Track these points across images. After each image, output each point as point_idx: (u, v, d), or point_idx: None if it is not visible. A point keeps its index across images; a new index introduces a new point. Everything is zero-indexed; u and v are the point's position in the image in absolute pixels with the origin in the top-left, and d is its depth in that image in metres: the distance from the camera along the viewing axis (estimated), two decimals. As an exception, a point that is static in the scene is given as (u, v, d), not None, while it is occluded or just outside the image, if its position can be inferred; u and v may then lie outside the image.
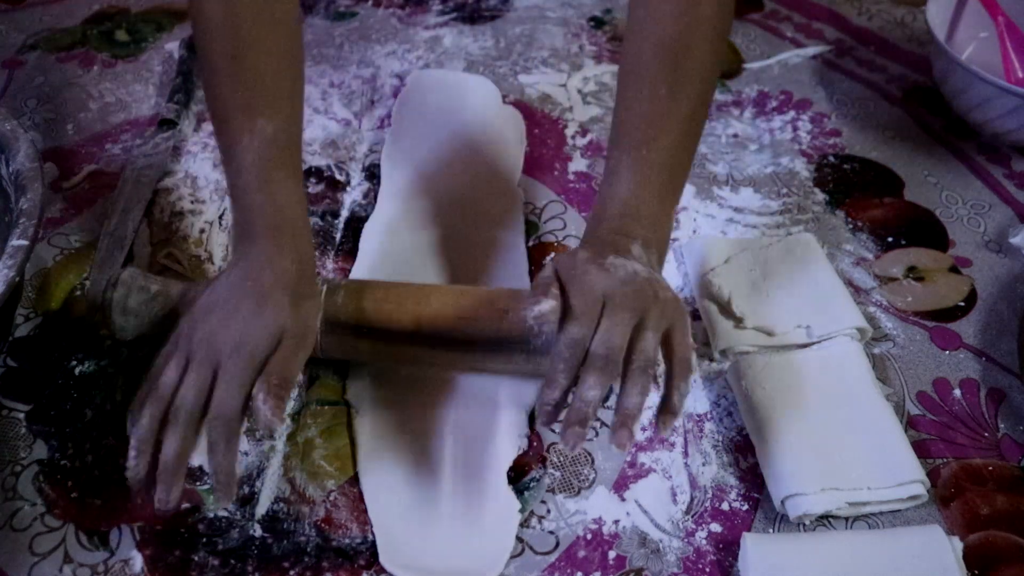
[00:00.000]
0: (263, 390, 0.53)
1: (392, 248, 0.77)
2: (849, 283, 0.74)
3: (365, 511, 0.59)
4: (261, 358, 0.55)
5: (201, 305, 0.58)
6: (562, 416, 0.52)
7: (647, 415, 0.65)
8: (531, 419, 0.65)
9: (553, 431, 0.64)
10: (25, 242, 0.58)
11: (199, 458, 0.61)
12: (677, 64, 0.62)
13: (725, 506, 0.60)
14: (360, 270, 0.75)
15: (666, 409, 0.53)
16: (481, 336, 0.62)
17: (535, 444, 0.63)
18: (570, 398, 0.52)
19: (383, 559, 0.56)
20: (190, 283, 0.66)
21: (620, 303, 0.54)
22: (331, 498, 0.60)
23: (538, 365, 0.62)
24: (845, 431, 0.61)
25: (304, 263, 0.61)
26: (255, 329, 0.55)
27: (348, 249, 0.77)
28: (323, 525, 0.59)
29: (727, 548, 0.58)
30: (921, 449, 0.62)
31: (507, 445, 0.62)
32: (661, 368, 0.54)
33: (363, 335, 0.63)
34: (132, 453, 0.53)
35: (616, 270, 0.55)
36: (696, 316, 0.72)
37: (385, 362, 0.67)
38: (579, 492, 0.61)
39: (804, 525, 0.59)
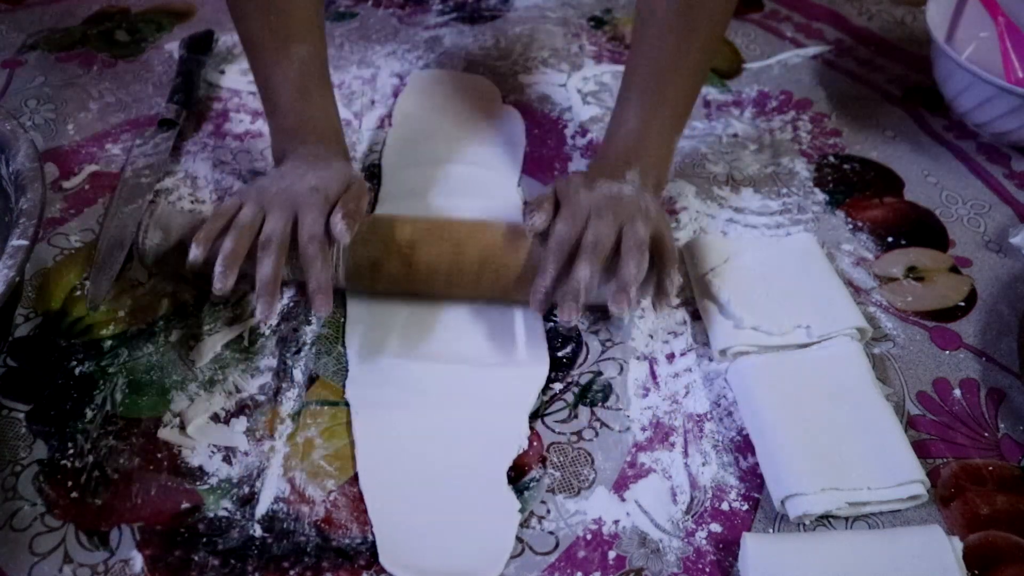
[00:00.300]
0: (340, 212, 0.63)
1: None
2: (849, 283, 0.74)
3: (365, 511, 0.59)
4: (334, 198, 0.65)
5: (267, 177, 0.67)
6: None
7: (642, 406, 0.65)
8: (532, 417, 0.65)
9: (553, 319, 0.69)
10: (25, 242, 0.58)
11: (198, 458, 0.62)
12: (690, 18, 0.68)
13: (725, 506, 0.60)
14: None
15: (660, 292, 0.65)
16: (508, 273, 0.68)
17: (535, 444, 0.63)
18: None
19: (383, 559, 0.56)
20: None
21: (605, 211, 0.64)
22: (331, 498, 0.60)
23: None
24: (845, 431, 0.61)
25: (349, 159, 0.72)
26: (327, 177, 0.66)
27: (348, 249, 0.77)
28: (323, 525, 0.59)
29: (727, 548, 0.58)
30: (921, 449, 0.62)
31: (507, 445, 0.62)
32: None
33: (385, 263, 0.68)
34: (220, 270, 0.60)
35: (603, 189, 0.66)
36: (696, 316, 0.72)
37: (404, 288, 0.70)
38: (579, 492, 0.61)
39: (804, 525, 0.59)
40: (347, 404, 0.65)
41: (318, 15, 0.73)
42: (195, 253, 0.62)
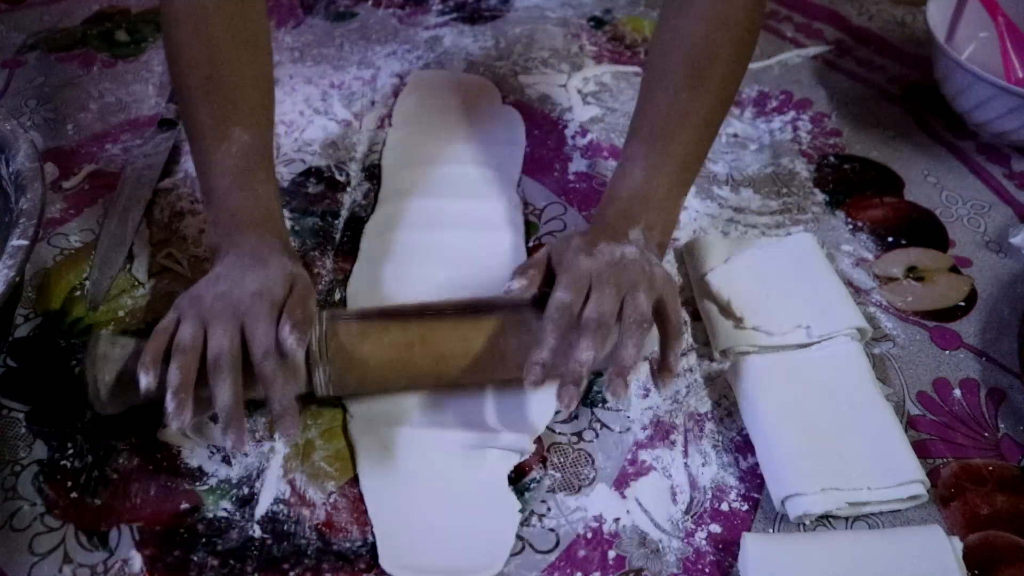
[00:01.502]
0: (288, 324, 0.56)
1: (392, 248, 0.77)
2: (849, 283, 0.74)
3: (365, 513, 0.59)
4: (280, 303, 0.58)
5: (203, 283, 0.60)
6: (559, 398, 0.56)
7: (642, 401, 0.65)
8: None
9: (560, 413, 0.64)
10: (25, 242, 0.58)
11: (198, 459, 0.62)
12: (701, 70, 0.66)
13: (725, 506, 0.60)
14: (360, 270, 0.75)
15: (664, 368, 0.59)
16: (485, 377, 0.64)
17: (535, 445, 0.63)
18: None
19: (383, 561, 0.56)
20: None
21: (607, 280, 0.58)
22: (331, 500, 0.60)
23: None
24: (845, 431, 0.61)
25: (292, 252, 0.64)
26: (268, 279, 0.58)
27: (348, 249, 0.77)
28: (323, 528, 0.58)
29: (727, 548, 0.58)
30: (921, 449, 0.62)
31: (508, 448, 0.62)
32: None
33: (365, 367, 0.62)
34: (173, 404, 0.54)
35: (604, 254, 0.60)
36: (696, 316, 0.72)
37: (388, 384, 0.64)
38: (579, 490, 0.61)
39: (804, 525, 0.59)
40: (343, 406, 0.65)
41: (266, 100, 0.69)
42: (146, 381, 0.54)
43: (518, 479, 0.61)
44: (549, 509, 0.60)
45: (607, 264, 0.59)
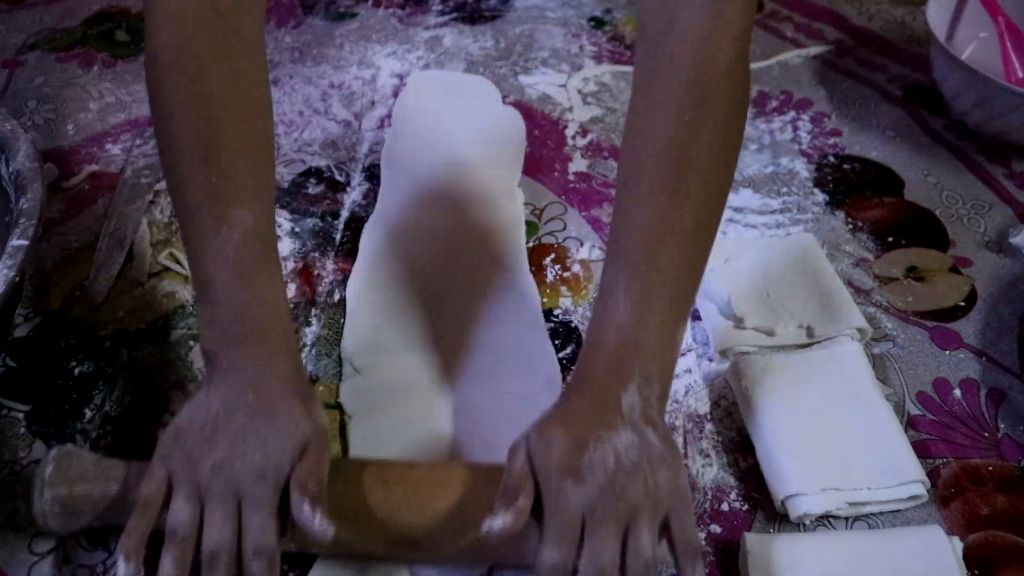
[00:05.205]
0: (305, 501, 0.48)
1: (392, 248, 0.77)
2: (849, 283, 0.74)
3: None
4: (284, 481, 0.49)
5: (196, 426, 0.50)
6: None
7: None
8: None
9: None
10: (25, 242, 0.58)
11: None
12: (680, 168, 0.54)
13: (725, 507, 0.60)
14: (360, 270, 0.75)
15: None
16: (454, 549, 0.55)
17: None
18: None
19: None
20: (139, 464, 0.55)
21: (603, 516, 0.47)
22: (331, 498, 0.60)
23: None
24: (845, 431, 0.61)
25: (299, 363, 0.56)
26: (276, 450, 0.49)
27: (348, 249, 0.77)
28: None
29: (727, 549, 0.58)
30: (921, 449, 0.62)
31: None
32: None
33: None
34: None
35: (596, 473, 0.48)
36: (696, 316, 0.72)
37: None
38: (579, 492, 0.61)
39: (804, 525, 0.59)
40: (340, 408, 0.65)
41: (268, 171, 0.59)
42: (127, 570, 0.47)
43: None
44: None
45: (600, 490, 0.47)
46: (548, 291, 0.74)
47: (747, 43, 0.57)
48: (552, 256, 0.77)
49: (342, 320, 0.71)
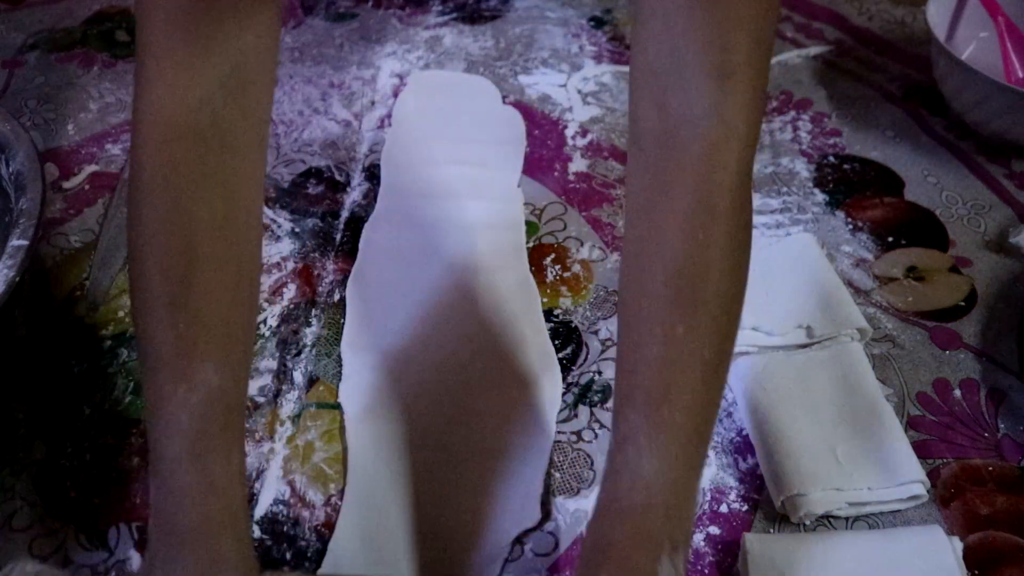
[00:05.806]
0: None
1: (392, 248, 0.77)
2: (849, 283, 0.74)
3: (365, 512, 0.59)
4: None
5: None
6: None
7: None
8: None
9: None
10: (25, 242, 0.58)
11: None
12: (694, 294, 0.49)
13: (724, 508, 0.60)
14: (360, 270, 0.75)
15: None
16: None
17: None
18: None
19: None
20: None
21: None
22: (331, 502, 0.60)
23: None
24: (845, 431, 0.61)
25: (251, 563, 0.47)
26: None
27: (348, 249, 0.77)
28: (323, 530, 0.58)
29: (726, 549, 0.58)
30: (921, 449, 0.62)
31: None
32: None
33: None
34: None
35: None
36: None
37: None
38: (578, 492, 0.61)
39: (804, 525, 0.59)
40: (339, 408, 0.65)
41: (250, 315, 0.51)
42: None
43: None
44: (548, 512, 0.60)
45: None
46: (548, 291, 0.74)
47: (753, 155, 0.52)
48: (552, 256, 0.77)
49: (342, 320, 0.71)
